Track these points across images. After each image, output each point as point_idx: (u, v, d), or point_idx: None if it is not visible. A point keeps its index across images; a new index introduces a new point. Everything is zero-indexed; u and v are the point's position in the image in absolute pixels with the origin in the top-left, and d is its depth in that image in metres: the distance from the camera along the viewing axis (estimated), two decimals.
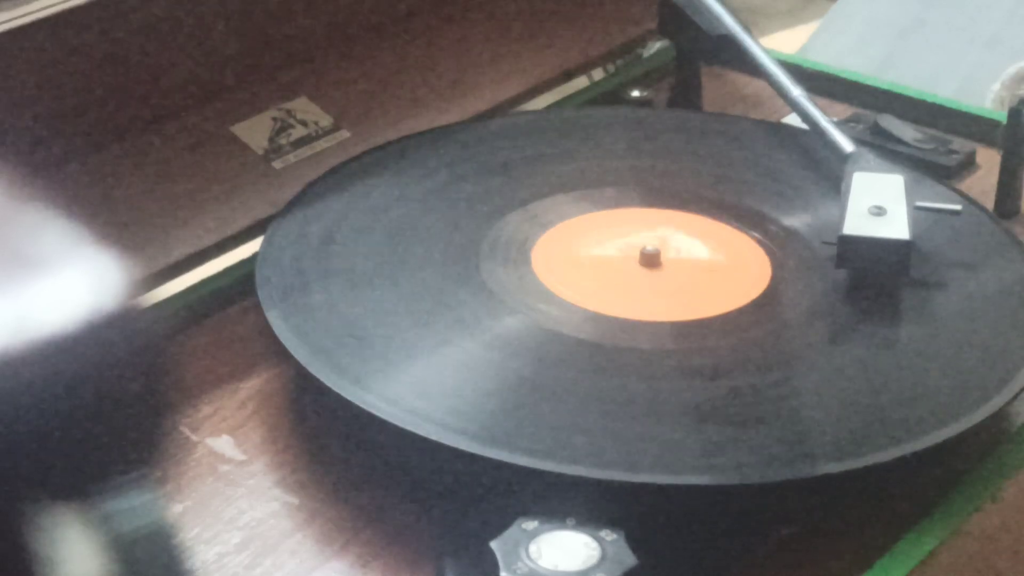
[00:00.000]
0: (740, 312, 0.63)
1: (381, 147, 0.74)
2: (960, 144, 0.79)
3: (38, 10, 0.67)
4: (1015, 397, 0.58)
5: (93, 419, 0.26)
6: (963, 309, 0.63)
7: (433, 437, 0.54)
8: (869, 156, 0.69)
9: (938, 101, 0.83)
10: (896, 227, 0.63)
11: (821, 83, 0.85)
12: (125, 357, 0.26)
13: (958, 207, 0.67)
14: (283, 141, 0.75)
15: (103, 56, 0.70)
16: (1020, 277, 0.65)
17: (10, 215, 0.27)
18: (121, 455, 0.27)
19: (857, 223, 0.63)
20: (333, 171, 0.72)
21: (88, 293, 0.25)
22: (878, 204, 0.64)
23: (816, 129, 0.73)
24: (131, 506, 0.28)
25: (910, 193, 0.66)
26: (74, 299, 0.25)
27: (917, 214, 0.66)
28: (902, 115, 0.81)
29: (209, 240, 0.70)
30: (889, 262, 0.63)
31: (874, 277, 0.64)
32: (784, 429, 0.56)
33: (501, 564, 0.49)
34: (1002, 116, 0.75)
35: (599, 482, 0.52)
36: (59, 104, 0.68)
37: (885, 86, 0.85)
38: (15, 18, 0.66)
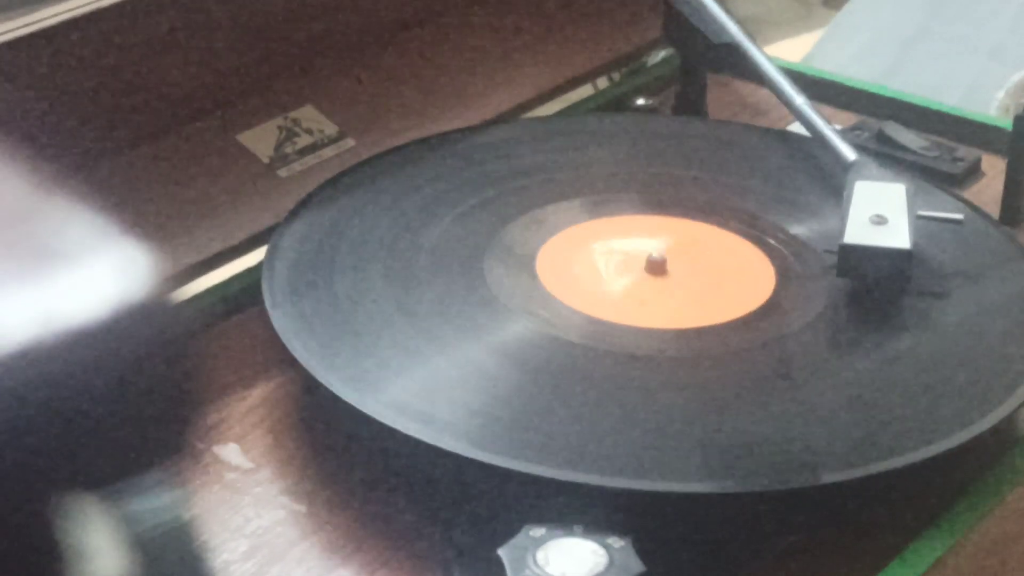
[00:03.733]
0: (746, 319, 0.63)
1: (385, 153, 0.74)
2: (965, 152, 0.79)
3: (42, 19, 0.67)
4: (1021, 405, 0.58)
5: (115, 414, 0.26)
6: (969, 317, 0.63)
7: (440, 444, 0.54)
8: (871, 165, 0.69)
9: (943, 109, 0.83)
10: (897, 236, 0.63)
11: (826, 91, 0.85)
12: (149, 351, 0.26)
13: (960, 216, 0.67)
14: (289, 150, 0.76)
15: (109, 65, 0.70)
16: None
17: (20, 216, 0.28)
18: (143, 451, 0.27)
19: (858, 232, 0.63)
20: (337, 178, 0.72)
21: (110, 287, 0.25)
22: (879, 213, 0.64)
23: (819, 137, 0.73)
24: (151, 502, 0.28)
25: (912, 202, 0.66)
26: (96, 293, 0.25)
27: (922, 223, 0.66)
28: (907, 123, 0.81)
29: (215, 248, 0.70)
30: (890, 271, 0.63)
31: (875, 286, 0.64)
32: (790, 437, 0.56)
33: (509, 571, 0.49)
34: (1007, 123, 0.75)
35: (606, 489, 0.52)
36: (65, 114, 0.68)
37: (890, 94, 0.85)
38: (19, 28, 0.66)
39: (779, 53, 0.91)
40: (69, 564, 0.26)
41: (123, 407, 0.26)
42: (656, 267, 0.66)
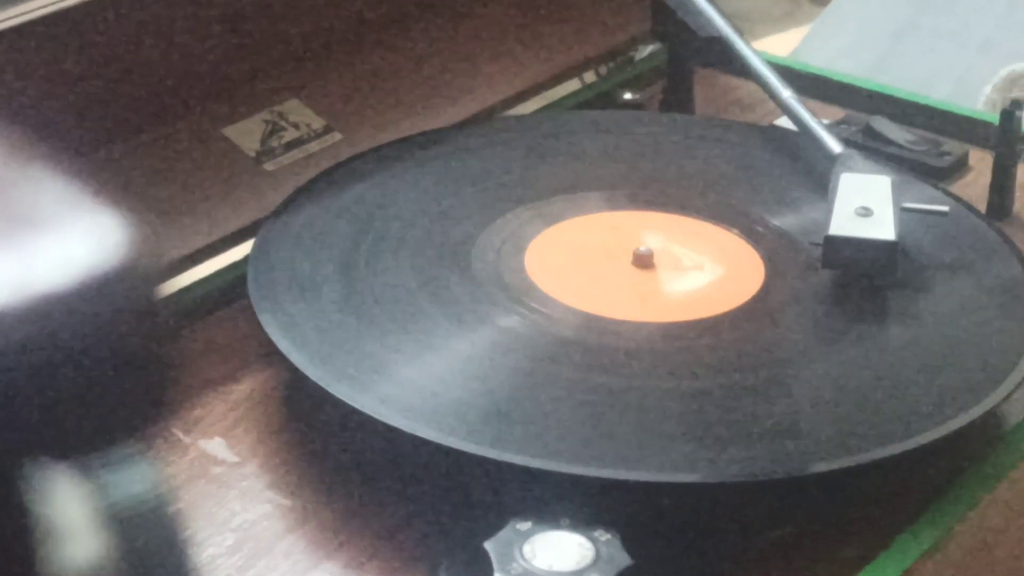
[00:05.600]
0: (734, 313, 0.63)
1: (373, 149, 0.74)
2: (952, 146, 0.79)
3: (29, 12, 0.67)
4: (1007, 397, 0.58)
5: (91, 383, 0.26)
6: (956, 309, 0.63)
7: (426, 436, 0.53)
8: (857, 157, 0.69)
9: (930, 103, 0.83)
10: (882, 228, 0.63)
11: (813, 85, 0.85)
12: (131, 326, 0.26)
13: (945, 208, 0.67)
14: (275, 143, 0.75)
15: (93, 59, 0.69)
16: (1011, 277, 0.65)
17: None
18: (120, 428, 0.27)
19: (843, 224, 0.64)
20: (325, 173, 0.72)
21: (90, 257, 0.25)
22: (865, 205, 0.65)
23: (805, 131, 0.73)
24: (127, 480, 0.28)
25: (897, 194, 0.66)
26: (74, 260, 0.25)
27: (908, 215, 0.66)
28: (894, 117, 0.81)
29: (201, 242, 0.70)
30: (875, 262, 0.63)
31: (860, 277, 0.64)
32: (777, 428, 0.56)
33: (495, 565, 0.49)
34: (994, 118, 0.75)
35: (593, 480, 0.52)
36: (49, 106, 0.68)
37: (877, 88, 0.85)
38: (6, 19, 0.66)
39: (767, 48, 0.91)
40: (41, 540, 0.26)
41: (101, 382, 0.26)
42: (643, 261, 0.66)
